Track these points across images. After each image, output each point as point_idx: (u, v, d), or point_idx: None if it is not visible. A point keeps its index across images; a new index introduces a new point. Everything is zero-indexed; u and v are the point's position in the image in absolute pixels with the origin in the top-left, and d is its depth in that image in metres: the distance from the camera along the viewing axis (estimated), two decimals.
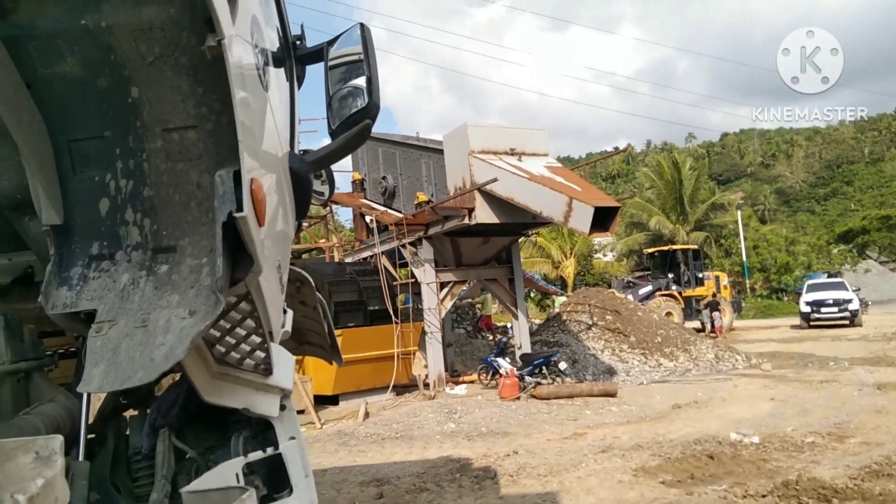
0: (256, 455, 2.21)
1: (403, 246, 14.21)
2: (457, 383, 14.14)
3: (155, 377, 1.60)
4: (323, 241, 19.26)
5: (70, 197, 1.83)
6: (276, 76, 2.83)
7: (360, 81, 2.57)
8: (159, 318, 1.68)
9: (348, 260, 17.22)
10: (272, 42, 2.74)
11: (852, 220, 65.87)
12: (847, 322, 26.30)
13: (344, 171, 18.56)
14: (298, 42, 3.01)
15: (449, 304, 14.49)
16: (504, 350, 14.22)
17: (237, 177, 1.62)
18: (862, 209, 72.78)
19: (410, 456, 8.20)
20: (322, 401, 12.75)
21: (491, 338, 19.94)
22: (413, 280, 14.44)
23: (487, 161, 12.58)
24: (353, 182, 17.46)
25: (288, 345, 3.92)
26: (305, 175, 2.68)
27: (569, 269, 41.23)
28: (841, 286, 28.12)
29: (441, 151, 13.85)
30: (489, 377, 13.69)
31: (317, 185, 3.57)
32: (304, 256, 21.14)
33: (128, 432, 2.45)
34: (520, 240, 38.76)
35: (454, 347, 17.79)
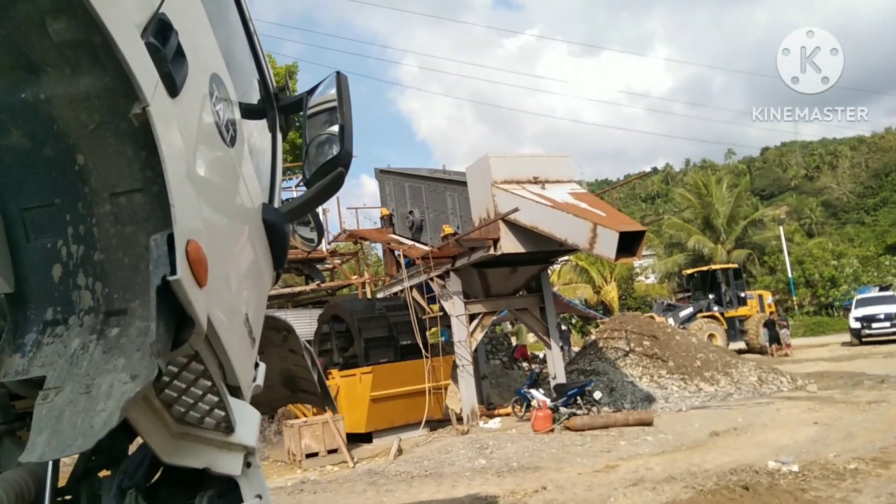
0: None
1: (431, 279, 14.21)
2: (491, 416, 13.97)
3: (92, 444, 1.60)
4: (355, 277, 19.40)
5: (23, 264, 1.86)
6: (256, 128, 2.87)
7: (334, 129, 2.59)
8: (102, 384, 1.69)
9: (379, 295, 17.29)
10: (248, 95, 2.79)
11: None
12: None
13: (373, 208, 18.77)
14: (281, 94, 3.06)
15: (480, 335, 14.38)
16: (537, 381, 14.02)
17: (171, 240, 1.63)
18: None
19: (438, 495, 8.09)
20: (356, 438, 12.73)
21: (527, 367, 19.69)
22: (443, 313, 14.40)
23: (510, 191, 12.57)
24: (382, 217, 17.63)
25: (282, 393, 3.93)
26: (280, 226, 2.70)
27: (612, 293, 40.70)
28: (892, 300, 27.09)
29: (465, 183, 13.90)
30: (523, 409, 13.49)
31: (305, 232, 3.58)
32: (339, 293, 21.34)
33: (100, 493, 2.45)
34: (557, 266, 38.40)
35: (489, 379, 17.61)
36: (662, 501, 6.64)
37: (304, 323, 16.70)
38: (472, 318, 14.15)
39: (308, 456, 11.24)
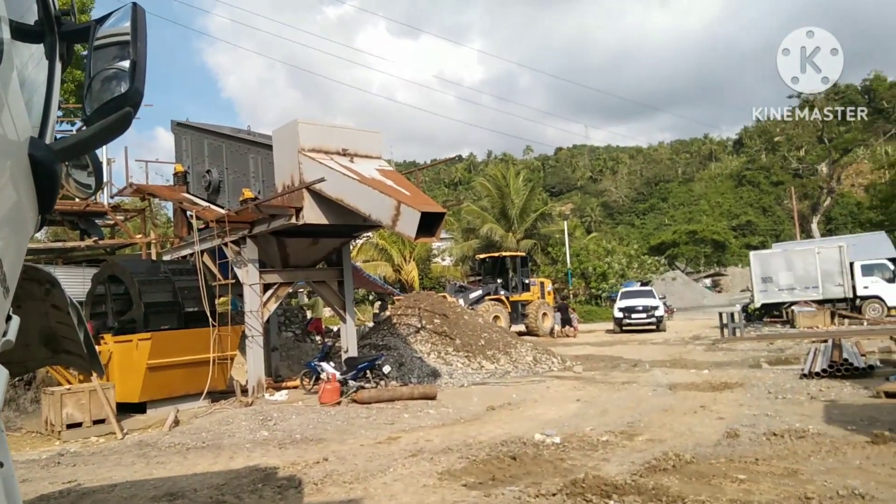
0: None
1: (226, 244, 13.57)
2: (278, 389, 13.72)
3: None
4: (140, 236, 17.96)
5: None
6: (31, 53, 2.51)
7: (125, 65, 2.33)
8: None
9: (166, 258, 16.16)
10: (24, 15, 2.42)
11: (665, 233, 72.44)
12: (654, 327, 28.75)
13: (166, 163, 17.45)
14: (64, 18, 2.70)
15: (273, 306, 14.02)
16: (329, 354, 13.99)
17: None
18: (674, 224, 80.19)
19: (214, 467, 7.78)
20: (128, 409, 11.84)
21: (320, 341, 19.59)
22: (235, 281, 13.82)
23: (318, 160, 12.32)
24: (175, 174, 16.44)
25: (41, 353, 3.52)
26: (50, 164, 2.39)
27: (413, 272, 41.67)
28: (650, 294, 30.69)
29: (271, 147, 13.40)
30: (312, 382, 13.41)
31: (82, 177, 3.22)
32: (119, 253, 19.63)
33: None
34: (359, 242, 38.43)
35: (280, 352, 17.29)
36: (438, 471, 6.95)
37: (75, 282, 15.13)
38: (266, 287, 13.74)
39: (70, 427, 10.24)
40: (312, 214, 12.34)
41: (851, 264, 27.45)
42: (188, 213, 15.60)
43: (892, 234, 40.14)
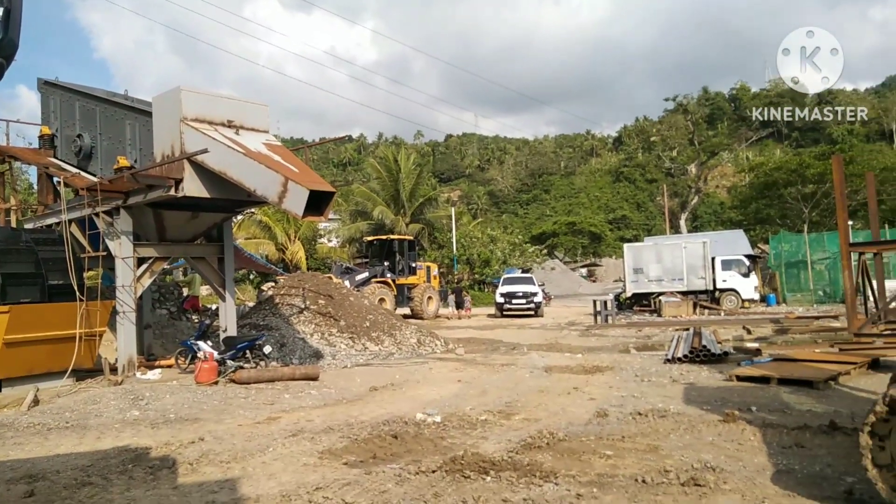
0: None
1: (97, 214, 12.75)
2: (151, 367, 13.11)
3: None
4: None
5: None
6: None
7: None
8: None
9: (28, 226, 14.96)
10: None
11: (546, 223, 75.01)
12: (532, 313, 29.80)
13: (30, 124, 16.11)
14: None
15: (147, 281, 13.33)
16: (206, 333, 13.50)
17: None
18: (554, 215, 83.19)
19: (79, 447, 7.35)
20: None
21: (197, 319, 18.86)
22: (107, 254, 13.02)
23: (201, 130, 11.79)
24: (41, 137, 15.20)
25: None
26: None
27: (299, 252, 40.82)
28: (530, 281, 31.78)
29: (150, 114, 12.68)
30: (188, 361, 12.92)
31: None
32: None
33: None
34: (241, 218, 37.23)
35: (154, 329, 16.49)
36: (319, 450, 6.92)
37: None
38: (140, 261, 13.05)
39: None
40: (193, 187, 11.82)
41: (713, 259, 29.64)
42: (55, 179, 14.49)
43: (749, 232, 43.68)
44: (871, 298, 16.87)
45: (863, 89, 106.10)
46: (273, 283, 25.16)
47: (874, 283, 16.94)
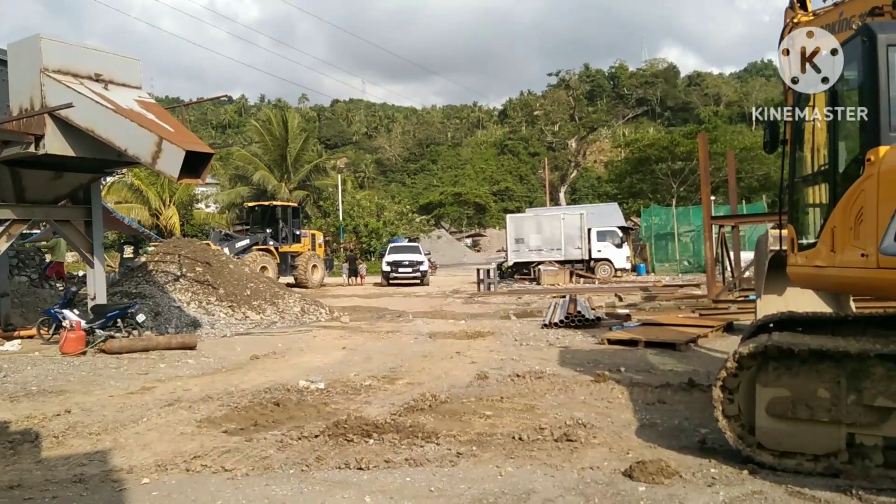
0: None
1: None
2: (9, 339, 12.19)
3: None
4: None
5: None
6: None
7: None
8: None
9: None
10: None
11: (433, 194, 75.49)
12: (418, 281, 30.10)
13: None
14: None
15: (4, 246, 12.30)
16: (72, 301, 12.67)
17: None
18: (441, 185, 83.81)
19: None
20: None
21: (62, 287, 17.65)
22: None
23: (65, 83, 10.94)
24: None
25: None
26: None
27: (172, 217, 38.83)
28: (416, 250, 32.05)
29: (5, 63, 11.60)
30: (52, 331, 12.11)
31: None
32: None
33: None
34: (108, 180, 35.00)
35: (12, 297, 15.29)
36: (197, 419, 6.73)
37: None
38: None
39: None
40: (56, 144, 11.00)
41: (589, 230, 31.04)
42: None
43: (623, 205, 45.98)
44: (729, 268, 18.33)
45: (727, 73, 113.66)
46: (133, 246, 23.98)
47: (731, 254, 18.39)
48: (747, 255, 19.06)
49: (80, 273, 18.90)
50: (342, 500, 4.39)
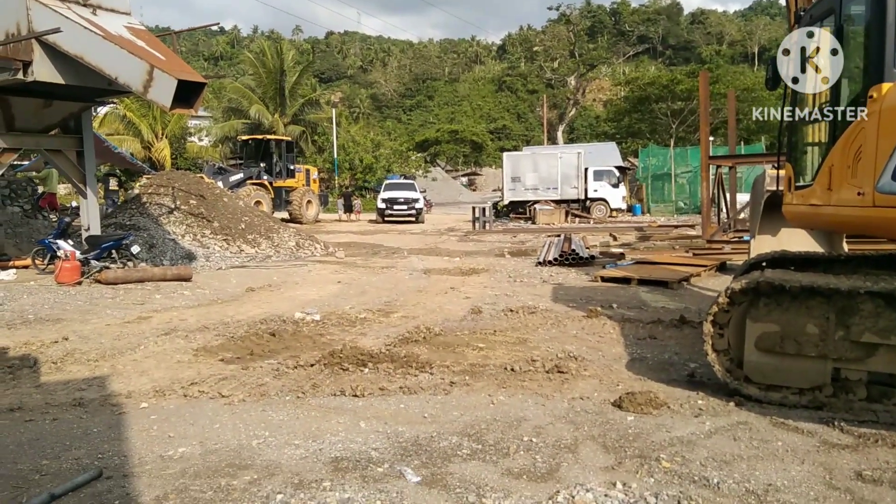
0: None
1: None
2: (4, 268, 12.20)
3: None
4: None
5: None
6: None
7: None
8: None
9: None
10: None
11: (429, 131, 74.65)
12: (413, 219, 30.09)
13: None
14: None
15: None
16: (66, 231, 12.63)
17: None
18: (437, 122, 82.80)
19: None
20: None
21: (54, 219, 17.56)
22: None
23: (52, 7, 10.62)
24: None
25: None
26: None
27: (164, 150, 38.32)
28: (412, 187, 31.89)
29: None
30: (47, 261, 12.11)
31: None
32: None
33: None
34: (101, 111, 34.46)
35: (5, 228, 15.24)
36: (194, 347, 6.81)
37: None
38: None
39: None
40: (45, 71, 10.74)
41: (586, 170, 30.87)
42: None
43: (621, 145, 45.65)
44: (724, 209, 18.34)
45: (732, 12, 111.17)
46: (114, 178, 23.82)
47: (728, 195, 18.37)
48: (743, 197, 19.05)
49: (73, 204, 18.80)
50: (338, 425, 4.49)
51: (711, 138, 25.61)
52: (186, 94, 10.18)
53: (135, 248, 12.19)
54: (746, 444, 4.07)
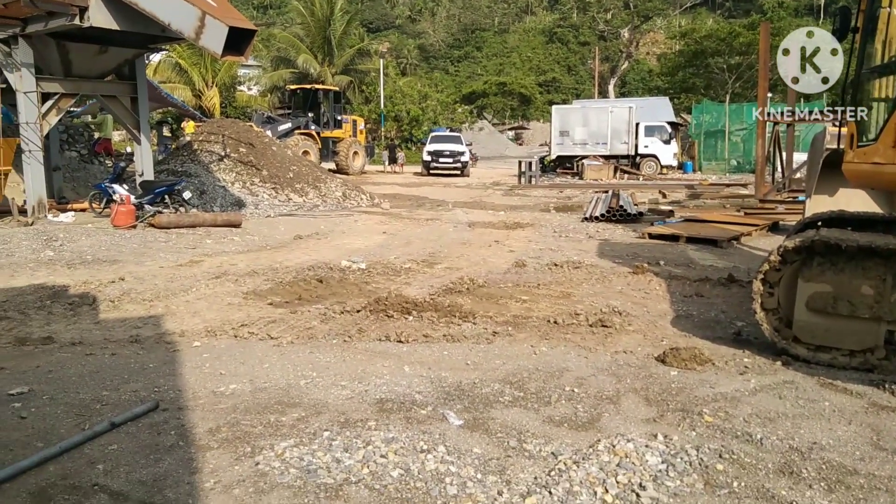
0: None
1: None
2: (63, 210, 12.62)
3: None
4: None
5: None
6: None
7: None
8: None
9: None
10: None
11: (477, 83, 73.66)
12: (459, 172, 29.96)
13: None
14: None
15: (54, 119, 12.51)
16: (121, 176, 12.97)
17: None
18: (485, 74, 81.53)
19: None
20: None
21: (110, 164, 18.03)
22: (6, 87, 12.06)
23: None
24: None
25: None
26: None
27: (214, 98, 38.71)
28: (458, 140, 31.65)
29: None
30: (103, 205, 12.49)
31: None
32: None
33: None
34: (154, 58, 34.81)
35: (63, 172, 15.70)
36: (244, 291, 7.00)
37: None
38: (45, 97, 12.16)
39: None
40: (100, 17, 10.88)
41: (637, 125, 30.12)
42: None
43: (674, 100, 44.36)
44: (779, 169, 17.77)
45: None
46: (170, 127, 24.17)
47: (784, 154, 17.78)
48: (800, 157, 18.39)
49: (128, 149, 19.24)
50: (382, 368, 4.59)
51: (770, 95, 24.67)
52: (237, 41, 10.25)
53: (186, 194, 12.47)
54: (792, 403, 4.03)
